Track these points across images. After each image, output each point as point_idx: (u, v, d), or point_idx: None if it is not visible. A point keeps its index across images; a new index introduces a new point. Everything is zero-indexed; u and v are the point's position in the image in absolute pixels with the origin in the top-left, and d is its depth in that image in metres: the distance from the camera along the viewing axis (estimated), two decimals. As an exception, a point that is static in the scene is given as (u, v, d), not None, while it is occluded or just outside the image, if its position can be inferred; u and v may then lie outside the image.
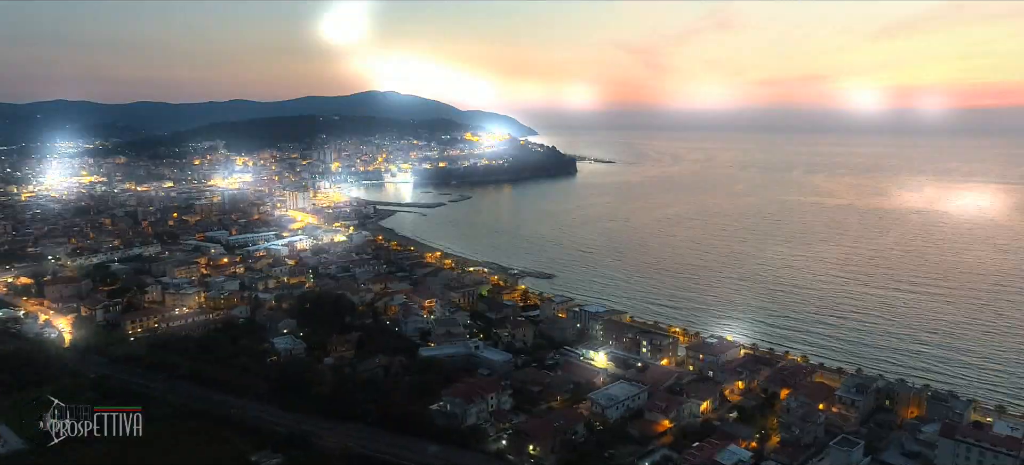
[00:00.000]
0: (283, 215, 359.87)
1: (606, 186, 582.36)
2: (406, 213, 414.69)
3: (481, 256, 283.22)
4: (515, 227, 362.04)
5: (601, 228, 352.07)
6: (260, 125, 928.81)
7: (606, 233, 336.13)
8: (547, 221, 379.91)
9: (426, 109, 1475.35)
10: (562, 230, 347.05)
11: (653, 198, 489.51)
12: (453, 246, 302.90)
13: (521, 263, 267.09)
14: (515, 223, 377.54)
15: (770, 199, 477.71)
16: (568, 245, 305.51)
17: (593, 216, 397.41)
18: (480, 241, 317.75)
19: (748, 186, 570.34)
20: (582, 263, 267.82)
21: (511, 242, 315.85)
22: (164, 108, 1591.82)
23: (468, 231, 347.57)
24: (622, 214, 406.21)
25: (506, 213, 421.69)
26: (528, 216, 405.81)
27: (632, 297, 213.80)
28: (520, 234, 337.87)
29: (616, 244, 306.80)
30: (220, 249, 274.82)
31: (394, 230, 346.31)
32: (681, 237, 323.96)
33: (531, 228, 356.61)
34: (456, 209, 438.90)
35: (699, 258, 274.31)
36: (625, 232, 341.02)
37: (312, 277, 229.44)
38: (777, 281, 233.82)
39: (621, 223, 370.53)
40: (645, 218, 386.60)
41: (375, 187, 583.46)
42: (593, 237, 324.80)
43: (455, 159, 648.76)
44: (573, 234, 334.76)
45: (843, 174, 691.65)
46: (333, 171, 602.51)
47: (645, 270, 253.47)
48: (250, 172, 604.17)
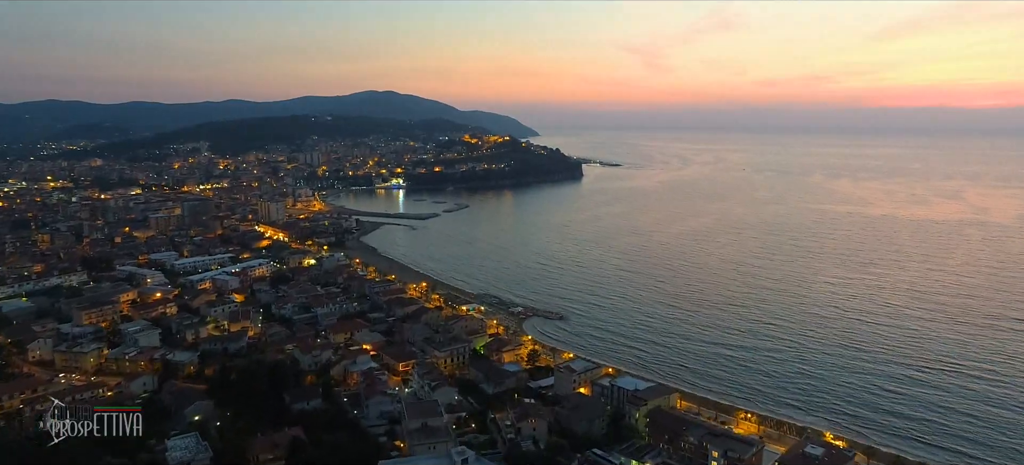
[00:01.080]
0: (249, 231, 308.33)
1: (615, 192, 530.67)
2: (394, 225, 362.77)
3: (477, 283, 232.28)
4: (517, 244, 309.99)
5: (619, 245, 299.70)
6: (250, 125, 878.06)
7: (626, 253, 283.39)
8: (554, 236, 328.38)
9: (424, 109, 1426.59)
10: (573, 248, 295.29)
11: (670, 207, 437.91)
12: (444, 271, 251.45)
13: (525, 294, 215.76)
14: (517, 239, 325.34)
15: (799, 208, 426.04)
16: (582, 269, 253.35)
17: (607, 230, 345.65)
18: (476, 263, 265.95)
19: (770, 193, 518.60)
20: (602, 295, 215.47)
21: (513, 265, 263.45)
22: (158, 108, 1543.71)
23: (463, 250, 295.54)
24: (640, 227, 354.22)
25: (507, 226, 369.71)
26: (532, 229, 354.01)
27: (676, 352, 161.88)
28: (524, 253, 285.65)
29: (640, 268, 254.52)
30: (160, 278, 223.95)
31: (376, 249, 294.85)
32: (716, 258, 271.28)
33: (536, 245, 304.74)
34: (451, 221, 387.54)
35: (746, 288, 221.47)
36: (648, 251, 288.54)
37: (260, 320, 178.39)
38: (851, 323, 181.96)
39: (642, 239, 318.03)
40: (667, 232, 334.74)
41: (364, 193, 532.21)
42: (612, 258, 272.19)
43: (452, 162, 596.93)
44: (587, 254, 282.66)
45: (868, 178, 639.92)
46: (319, 176, 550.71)
47: (684, 306, 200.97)
48: (230, 176, 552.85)
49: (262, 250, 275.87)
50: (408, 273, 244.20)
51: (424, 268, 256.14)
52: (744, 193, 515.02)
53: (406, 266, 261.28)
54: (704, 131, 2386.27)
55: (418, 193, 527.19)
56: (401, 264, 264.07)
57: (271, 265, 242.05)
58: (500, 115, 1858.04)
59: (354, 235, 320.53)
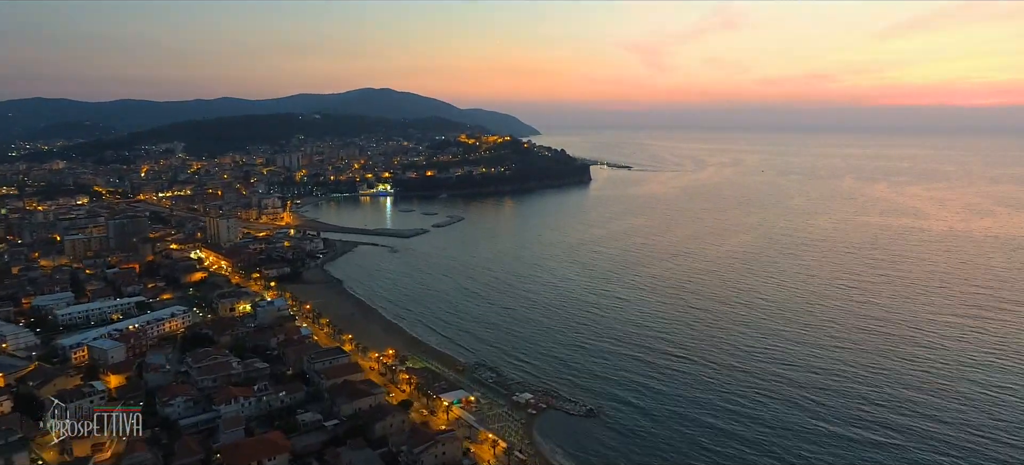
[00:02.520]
0: (183, 259, 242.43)
1: (631, 200, 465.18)
2: (372, 246, 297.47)
3: (467, 342, 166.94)
4: (521, 274, 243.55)
5: (656, 275, 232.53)
6: (230, 124, 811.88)
7: (668, 287, 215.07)
8: (567, 261, 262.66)
9: (422, 107, 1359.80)
10: (594, 281, 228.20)
11: (698, 218, 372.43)
12: (425, 319, 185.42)
13: (536, 366, 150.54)
14: (521, 265, 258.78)
15: (848, 221, 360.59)
16: (611, 317, 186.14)
17: (633, 251, 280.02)
18: (468, 308, 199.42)
19: (806, 201, 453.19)
20: (650, 362, 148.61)
21: (516, 309, 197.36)
22: (147, 106, 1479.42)
23: (452, 285, 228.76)
24: (672, 246, 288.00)
25: (508, 247, 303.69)
26: (539, 251, 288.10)
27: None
28: (530, 290, 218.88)
29: (693, 311, 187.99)
30: (28, 338, 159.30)
31: (342, 283, 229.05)
32: (791, 294, 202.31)
33: (545, 276, 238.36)
34: (442, 238, 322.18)
35: (863, 341, 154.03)
36: (695, 283, 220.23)
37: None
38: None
39: (680, 265, 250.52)
40: (709, 254, 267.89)
41: (348, 201, 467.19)
42: (650, 297, 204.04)
43: (446, 166, 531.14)
44: (615, 289, 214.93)
45: (905, 183, 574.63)
46: (296, 181, 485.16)
47: (796, 380, 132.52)
48: (196, 181, 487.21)
49: (191, 287, 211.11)
50: (374, 325, 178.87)
51: (399, 315, 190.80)
52: (777, 201, 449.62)
53: (374, 309, 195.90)
54: (707, 130, 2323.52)
55: (407, 201, 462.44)
56: (368, 307, 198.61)
57: (191, 315, 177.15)
58: (500, 113, 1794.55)
59: (318, 261, 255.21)
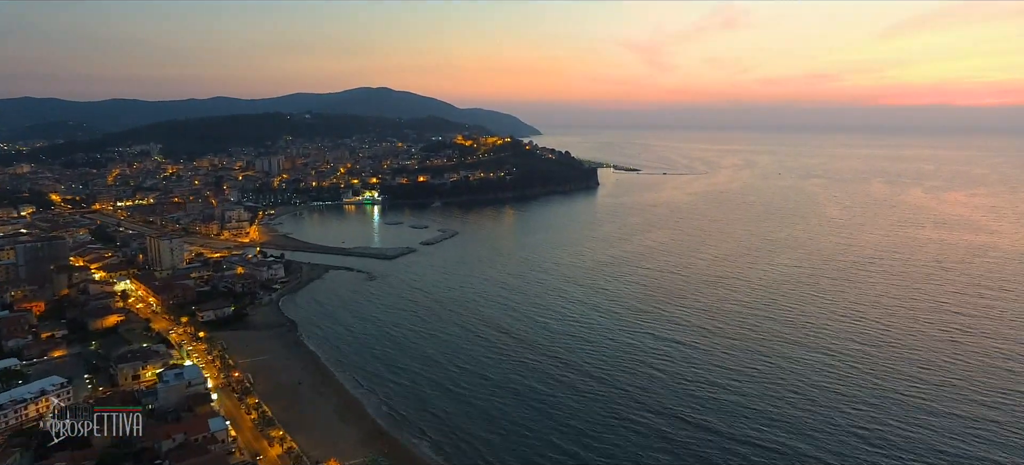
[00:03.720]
0: (98, 296, 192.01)
1: (647, 209, 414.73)
2: (345, 270, 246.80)
3: (456, 430, 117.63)
4: (532, 318, 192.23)
5: (704, 308, 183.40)
6: (216, 124, 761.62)
7: (722, 326, 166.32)
8: (585, 292, 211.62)
9: (420, 106, 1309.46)
10: (625, 320, 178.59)
11: (731, 232, 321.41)
12: (397, 396, 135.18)
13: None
14: (529, 303, 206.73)
15: (899, 234, 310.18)
16: (667, 388, 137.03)
17: (665, 275, 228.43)
18: (459, 374, 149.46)
19: (842, 210, 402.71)
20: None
21: (524, 376, 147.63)
22: (138, 105, 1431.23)
23: (439, 335, 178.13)
24: (713, 270, 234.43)
25: (510, 271, 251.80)
26: (549, 278, 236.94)
27: None
28: (541, 342, 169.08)
29: (780, 374, 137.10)
30: None
31: (296, 326, 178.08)
32: (880, 332, 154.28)
33: (564, 320, 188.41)
34: (430, 260, 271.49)
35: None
36: (760, 320, 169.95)
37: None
38: None
39: (730, 293, 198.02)
40: (758, 279, 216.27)
41: (331, 210, 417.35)
42: (708, 346, 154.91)
43: (440, 170, 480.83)
44: (653, 333, 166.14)
45: (940, 188, 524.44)
46: (274, 188, 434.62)
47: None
48: (162, 188, 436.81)
49: (95, 338, 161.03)
50: (325, 403, 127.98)
51: (364, 382, 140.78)
52: (810, 210, 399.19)
53: (330, 374, 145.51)
54: (709, 130, 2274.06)
55: (397, 210, 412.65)
56: (324, 369, 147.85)
57: (75, 388, 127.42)
58: (501, 113, 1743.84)
59: (274, 295, 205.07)
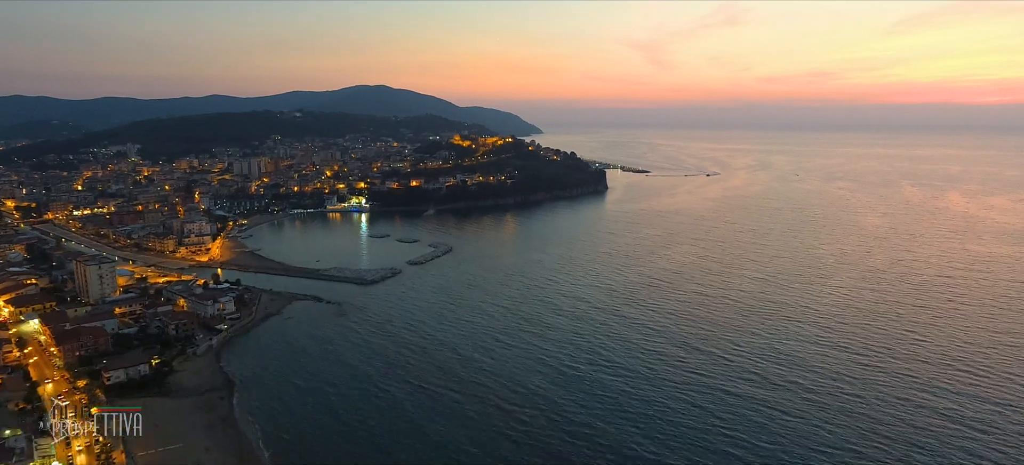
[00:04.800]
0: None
1: (664, 217, 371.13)
2: (313, 300, 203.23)
3: None
4: (548, 377, 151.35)
5: (785, 358, 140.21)
6: (200, 123, 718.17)
7: (826, 394, 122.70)
8: (611, 328, 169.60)
9: (418, 105, 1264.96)
10: (673, 373, 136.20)
11: (765, 246, 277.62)
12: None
13: None
14: (535, 355, 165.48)
15: (956, 250, 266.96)
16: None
17: (705, 299, 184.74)
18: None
19: (879, 218, 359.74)
20: None
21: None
22: (129, 104, 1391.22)
23: (410, 397, 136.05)
24: (759, 299, 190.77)
25: (511, 301, 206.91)
26: (561, 314, 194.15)
27: None
28: (575, 431, 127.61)
29: None
30: None
31: (232, 391, 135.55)
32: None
33: (593, 382, 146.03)
34: (417, 284, 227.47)
35: None
36: (846, 369, 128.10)
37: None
38: None
39: (793, 327, 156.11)
40: (816, 309, 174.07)
41: (315, 218, 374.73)
42: (824, 436, 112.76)
43: (435, 174, 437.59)
44: (721, 387, 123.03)
45: (979, 191, 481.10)
46: (251, 193, 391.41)
47: None
48: (126, 195, 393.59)
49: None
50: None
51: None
52: (846, 220, 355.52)
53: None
54: (713, 129, 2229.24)
55: (386, 219, 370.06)
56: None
57: None
58: (501, 111, 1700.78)
59: (215, 341, 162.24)
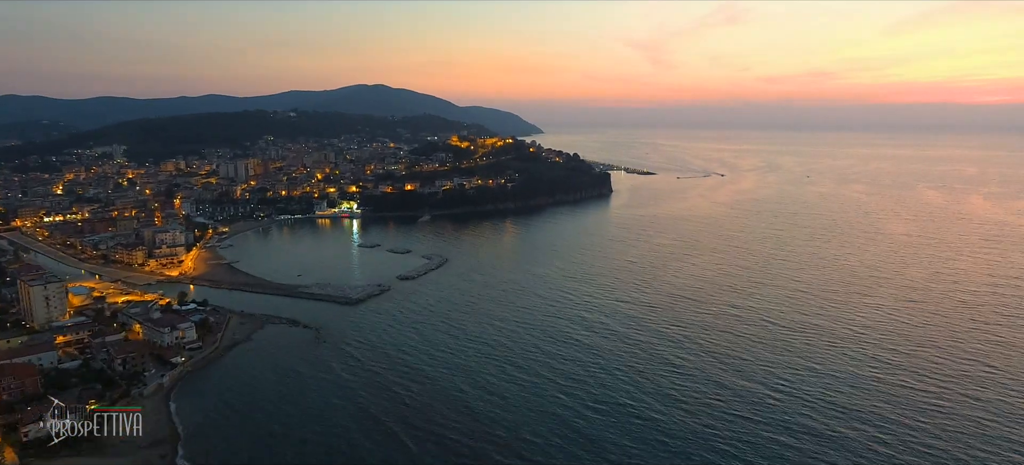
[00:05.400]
0: None
1: (674, 223, 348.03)
2: (287, 326, 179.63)
3: None
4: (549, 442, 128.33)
5: (851, 409, 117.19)
6: (190, 123, 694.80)
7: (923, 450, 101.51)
8: (626, 363, 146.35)
9: (417, 104, 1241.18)
10: (707, 412, 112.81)
11: (787, 258, 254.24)
12: None
13: None
14: (544, 404, 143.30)
15: (998, 262, 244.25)
16: None
17: (738, 324, 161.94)
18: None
19: (905, 224, 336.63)
20: None
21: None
22: (124, 104, 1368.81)
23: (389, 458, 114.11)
24: (806, 317, 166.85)
25: (512, 326, 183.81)
26: (570, 342, 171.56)
27: None
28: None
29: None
30: None
31: (179, 445, 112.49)
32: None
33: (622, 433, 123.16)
34: (406, 304, 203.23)
35: None
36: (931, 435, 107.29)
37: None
38: None
39: (859, 355, 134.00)
40: (884, 332, 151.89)
41: (303, 224, 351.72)
42: None
43: (431, 177, 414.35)
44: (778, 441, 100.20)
45: (1003, 195, 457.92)
46: (236, 198, 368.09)
47: None
48: (103, 200, 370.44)
49: None
50: None
51: None
52: (871, 226, 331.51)
53: None
54: (714, 129, 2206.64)
55: (379, 224, 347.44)
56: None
57: None
58: (501, 111, 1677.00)
59: (167, 377, 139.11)
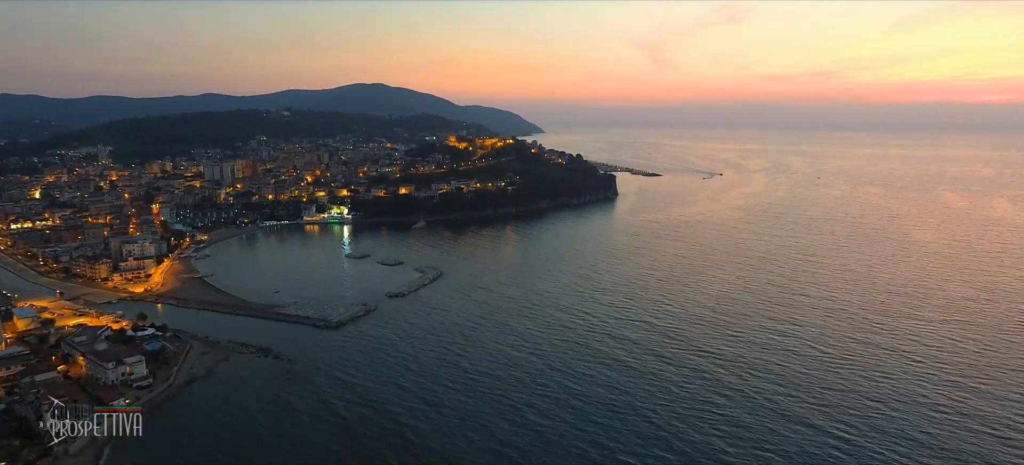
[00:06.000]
0: None
1: (685, 228, 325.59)
2: (259, 357, 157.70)
3: None
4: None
5: None
6: (180, 123, 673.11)
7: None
8: (678, 416, 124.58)
9: (416, 103, 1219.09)
10: None
11: (814, 267, 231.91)
12: None
13: None
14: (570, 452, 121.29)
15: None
16: None
17: (801, 358, 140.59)
18: None
19: (932, 232, 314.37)
20: None
21: None
22: (122, 103, 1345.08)
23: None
24: (856, 347, 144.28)
25: (520, 353, 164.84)
26: (592, 377, 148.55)
27: None
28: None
29: None
30: None
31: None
32: None
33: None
34: (395, 327, 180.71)
35: None
36: None
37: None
38: None
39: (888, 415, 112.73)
40: (956, 368, 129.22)
41: (291, 231, 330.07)
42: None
43: (428, 179, 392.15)
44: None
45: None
46: (219, 202, 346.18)
47: None
48: (76, 204, 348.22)
49: None
50: None
51: None
52: (897, 233, 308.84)
53: None
54: (716, 128, 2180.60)
55: (372, 230, 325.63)
56: None
57: None
58: (502, 110, 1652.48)
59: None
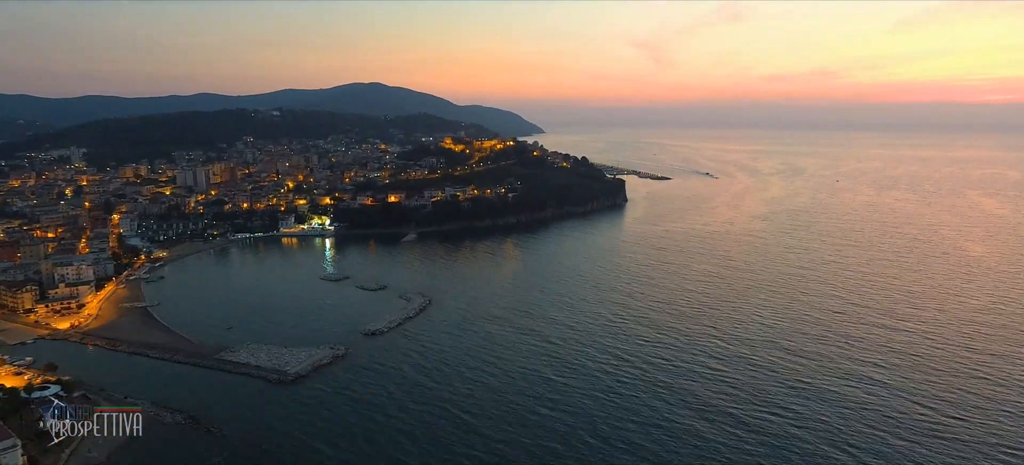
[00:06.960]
0: None
1: (710, 240, 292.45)
2: (180, 430, 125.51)
3: None
4: None
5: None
6: (162, 123, 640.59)
7: None
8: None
9: (415, 103, 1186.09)
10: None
11: (875, 284, 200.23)
12: None
13: None
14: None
15: None
16: None
17: (893, 418, 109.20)
18: None
19: (979, 244, 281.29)
20: None
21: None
22: (114, 103, 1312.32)
23: None
24: (957, 409, 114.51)
25: (528, 426, 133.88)
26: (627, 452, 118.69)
27: None
28: None
29: None
30: None
31: None
32: None
33: None
34: (367, 379, 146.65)
35: None
36: None
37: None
38: None
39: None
40: None
41: (265, 244, 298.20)
42: None
43: (421, 185, 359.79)
44: None
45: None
46: (187, 212, 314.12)
47: None
48: (28, 215, 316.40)
49: None
50: None
51: None
52: (943, 244, 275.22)
53: None
54: (718, 128, 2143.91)
55: (358, 243, 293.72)
56: None
57: None
58: (501, 110, 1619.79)
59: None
